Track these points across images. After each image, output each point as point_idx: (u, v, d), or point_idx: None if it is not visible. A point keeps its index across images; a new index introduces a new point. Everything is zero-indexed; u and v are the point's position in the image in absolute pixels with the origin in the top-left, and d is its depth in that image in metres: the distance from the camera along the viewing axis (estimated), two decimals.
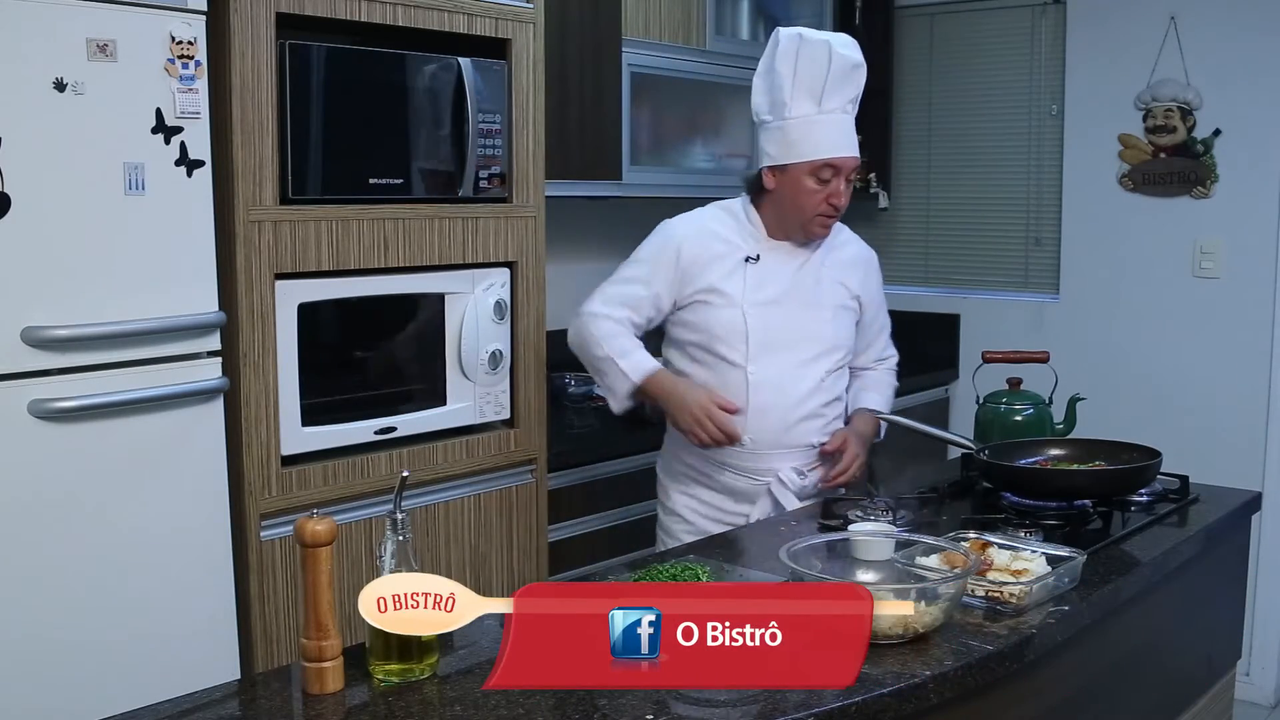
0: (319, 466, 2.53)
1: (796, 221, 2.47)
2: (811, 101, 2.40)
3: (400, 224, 2.62)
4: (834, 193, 2.42)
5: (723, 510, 2.54)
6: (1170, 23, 3.91)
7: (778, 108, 2.42)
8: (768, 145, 2.46)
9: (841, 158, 2.42)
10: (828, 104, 2.40)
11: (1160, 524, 2.27)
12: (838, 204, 2.44)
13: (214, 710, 1.51)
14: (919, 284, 4.59)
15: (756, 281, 2.48)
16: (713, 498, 2.55)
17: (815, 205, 2.43)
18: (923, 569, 1.76)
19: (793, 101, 2.40)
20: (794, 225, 2.48)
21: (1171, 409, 3.98)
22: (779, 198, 2.47)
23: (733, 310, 2.46)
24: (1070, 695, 1.94)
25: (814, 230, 2.48)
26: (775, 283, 2.49)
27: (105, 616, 2.17)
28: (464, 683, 1.53)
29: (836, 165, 2.41)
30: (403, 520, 1.54)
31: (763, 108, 2.47)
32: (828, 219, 2.47)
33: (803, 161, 2.41)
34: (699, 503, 2.56)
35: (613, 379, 2.49)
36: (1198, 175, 3.93)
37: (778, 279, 2.50)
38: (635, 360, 2.48)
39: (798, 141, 2.41)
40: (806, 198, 2.43)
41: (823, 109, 2.41)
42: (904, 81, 4.53)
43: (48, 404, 2.07)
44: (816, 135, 2.41)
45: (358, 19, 2.51)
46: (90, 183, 2.12)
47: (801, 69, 2.39)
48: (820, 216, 2.45)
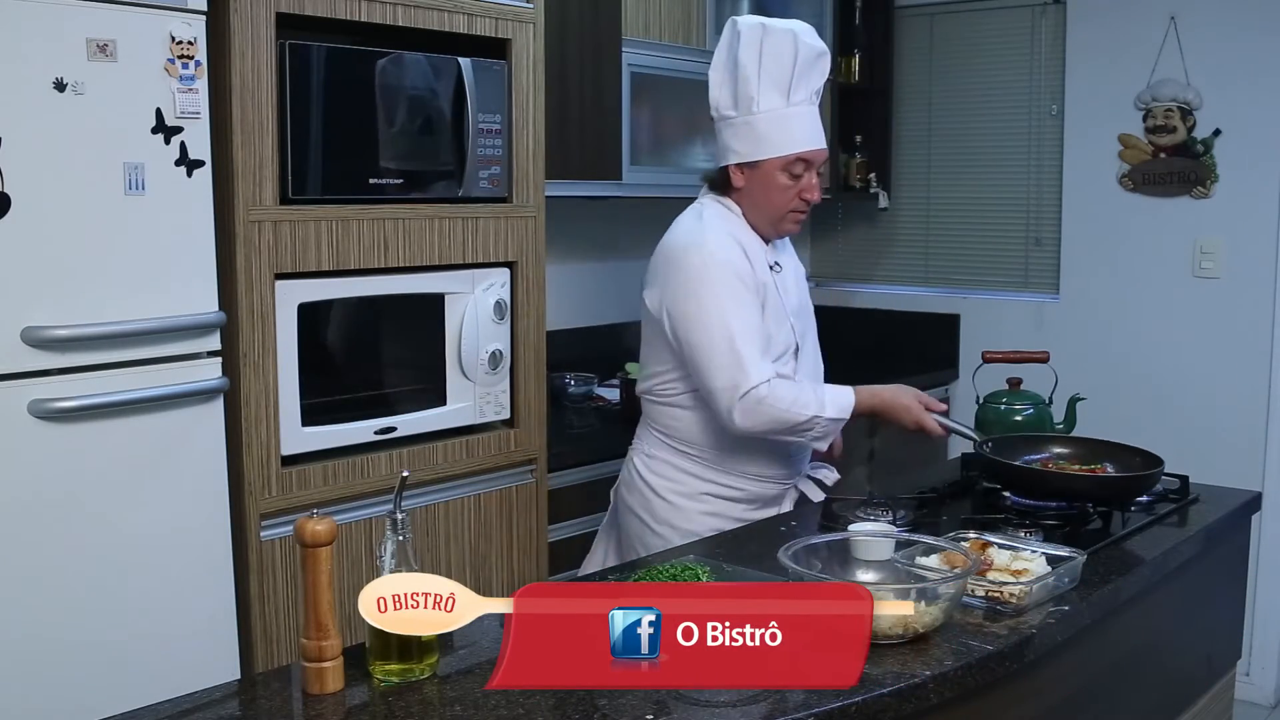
0: (319, 466, 2.53)
1: (768, 218, 2.42)
2: (779, 94, 2.34)
3: (400, 224, 2.62)
4: (806, 187, 2.38)
5: (753, 516, 2.45)
6: (1170, 23, 3.91)
7: (743, 102, 2.35)
8: (733, 142, 2.39)
9: (813, 150, 2.37)
10: (795, 96, 2.35)
11: (1160, 524, 2.27)
12: (810, 198, 2.40)
13: (214, 710, 1.51)
14: (919, 284, 4.59)
15: (784, 288, 2.46)
16: (741, 510, 2.46)
17: (788, 201, 2.39)
18: (923, 569, 1.77)
19: (760, 95, 2.33)
20: (765, 222, 2.43)
21: (1171, 409, 3.98)
22: (749, 195, 2.41)
23: (785, 321, 2.43)
24: (1070, 695, 1.94)
25: (786, 227, 2.44)
26: (791, 283, 2.49)
27: (105, 616, 2.17)
28: (464, 683, 1.53)
29: (808, 159, 2.37)
30: (403, 520, 1.54)
31: (724, 102, 2.39)
32: (800, 214, 2.43)
33: (775, 157, 2.35)
34: (726, 520, 2.44)
35: (824, 429, 2.32)
36: (1198, 175, 3.93)
37: (790, 279, 2.50)
38: (834, 401, 2.32)
39: (767, 136, 2.34)
40: (779, 194, 2.38)
41: (791, 101, 2.35)
42: (904, 81, 4.53)
43: (48, 404, 2.07)
44: (787, 129, 2.35)
45: (358, 19, 2.51)
46: (90, 183, 2.12)
47: (767, 61, 2.32)
48: (793, 213, 2.41)
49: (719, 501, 2.45)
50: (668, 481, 2.47)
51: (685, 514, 2.44)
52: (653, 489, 2.47)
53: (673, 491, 2.46)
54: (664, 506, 2.46)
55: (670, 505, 2.46)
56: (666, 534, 2.43)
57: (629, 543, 2.53)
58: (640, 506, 2.49)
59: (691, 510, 2.45)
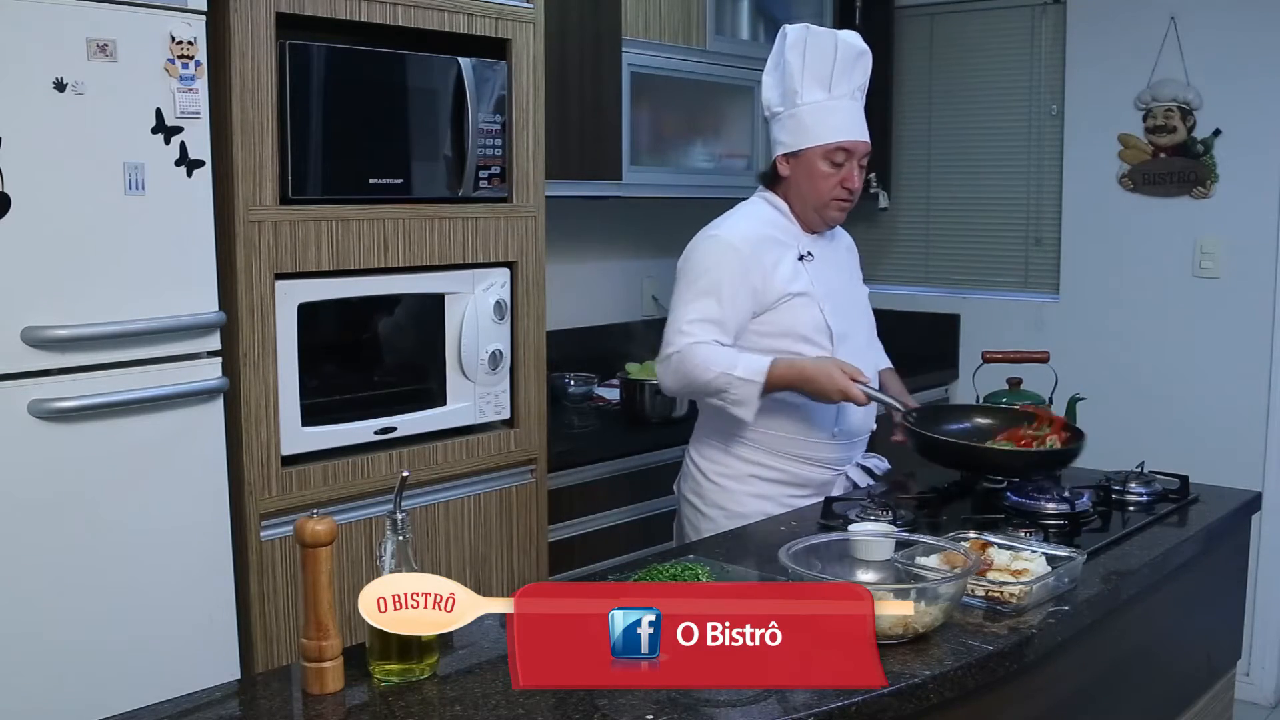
0: (319, 466, 2.53)
1: (813, 206, 2.53)
2: (821, 88, 2.47)
3: (400, 224, 2.62)
4: (847, 176, 2.49)
5: (799, 502, 2.50)
6: (1170, 23, 3.91)
7: (789, 96, 2.48)
8: (780, 134, 2.52)
9: (854, 141, 2.48)
10: (837, 90, 2.48)
11: (1160, 524, 2.27)
12: (852, 187, 2.50)
13: (214, 710, 1.51)
14: (919, 284, 4.59)
15: (818, 275, 2.52)
16: (789, 494, 2.51)
17: (830, 189, 2.49)
18: (923, 569, 1.76)
19: (803, 89, 2.46)
20: (811, 211, 2.53)
21: (1171, 409, 3.98)
22: (795, 184, 2.52)
23: (812, 307, 2.49)
24: (1070, 695, 1.94)
25: (830, 215, 2.55)
26: (830, 273, 2.56)
27: (105, 616, 2.17)
28: (464, 683, 1.53)
29: (849, 149, 2.48)
30: (403, 520, 1.54)
31: (774, 100, 2.52)
32: (844, 203, 2.53)
33: (816, 145, 2.47)
34: (775, 503, 2.50)
35: (736, 392, 2.39)
36: (1198, 175, 3.93)
37: (830, 269, 2.56)
38: (748, 364, 2.39)
39: (811, 126, 2.47)
40: (821, 181, 2.48)
41: (832, 95, 2.47)
42: (904, 81, 4.53)
43: (48, 404, 2.07)
44: (828, 120, 2.47)
45: (358, 19, 2.51)
46: (90, 183, 2.12)
47: (810, 57, 2.46)
48: (836, 200, 2.51)
49: (766, 484, 2.53)
50: (716, 465, 2.56)
51: (734, 496, 2.53)
52: (703, 473, 2.58)
53: (720, 475, 2.55)
54: (713, 489, 2.55)
55: (719, 488, 2.55)
56: (716, 516, 2.53)
57: (683, 527, 2.65)
58: (691, 491, 2.60)
59: (740, 493, 2.53)
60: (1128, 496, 2.36)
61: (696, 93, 3.78)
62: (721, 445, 2.55)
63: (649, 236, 4.06)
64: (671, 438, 3.17)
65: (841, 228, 2.68)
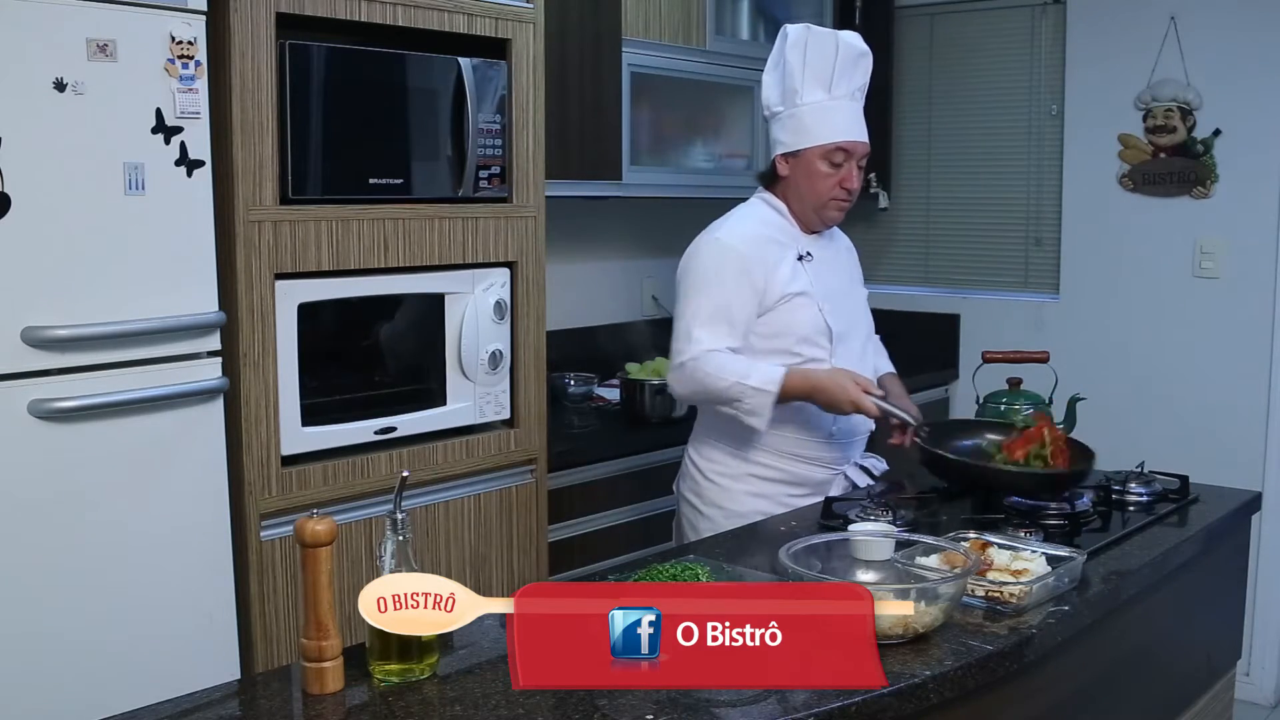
0: (319, 466, 2.53)
1: (811, 206, 2.53)
2: (821, 88, 2.47)
3: (400, 224, 2.62)
4: (846, 176, 2.49)
5: (798, 502, 2.50)
6: (1170, 23, 3.91)
7: (789, 96, 2.48)
8: (780, 134, 2.52)
9: (853, 141, 2.49)
10: (837, 90, 2.48)
11: (1160, 524, 2.27)
12: (850, 188, 2.51)
13: (214, 710, 1.51)
14: (919, 284, 4.59)
15: (817, 275, 2.52)
16: (787, 493, 2.52)
17: (829, 189, 2.49)
18: (923, 569, 1.77)
19: (804, 89, 2.46)
20: (809, 211, 2.53)
21: (1171, 409, 3.98)
22: (793, 184, 2.52)
23: (811, 307, 2.49)
24: (1070, 695, 1.94)
25: (828, 215, 2.55)
26: (829, 274, 2.56)
27: (105, 616, 2.17)
28: (464, 683, 1.53)
29: (848, 149, 2.48)
30: (403, 520, 1.54)
31: (774, 99, 2.52)
32: (842, 203, 2.53)
33: (816, 145, 2.47)
34: (773, 503, 2.50)
35: (750, 401, 2.38)
36: (1198, 175, 3.93)
37: (829, 270, 2.56)
38: (762, 374, 2.39)
39: (811, 126, 2.47)
40: (820, 181, 2.49)
41: (832, 95, 2.47)
42: (904, 81, 4.53)
43: (48, 404, 2.07)
44: (828, 120, 2.47)
45: (358, 19, 2.51)
46: (90, 183, 2.12)
47: (811, 57, 2.46)
48: (834, 200, 2.52)
49: (764, 484, 2.53)
50: (714, 464, 2.57)
51: (732, 495, 2.54)
52: (701, 472, 2.58)
53: (719, 474, 2.56)
54: (711, 488, 2.56)
55: (717, 487, 2.55)
56: (714, 515, 2.54)
57: (682, 526, 2.64)
58: (690, 490, 2.61)
59: (738, 492, 2.53)
60: (1128, 496, 2.36)
61: (696, 93, 3.78)
62: (720, 445, 2.56)
63: (649, 236, 4.06)
64: (671, 438, 3.17)
65: (839, 229, 2.68)
